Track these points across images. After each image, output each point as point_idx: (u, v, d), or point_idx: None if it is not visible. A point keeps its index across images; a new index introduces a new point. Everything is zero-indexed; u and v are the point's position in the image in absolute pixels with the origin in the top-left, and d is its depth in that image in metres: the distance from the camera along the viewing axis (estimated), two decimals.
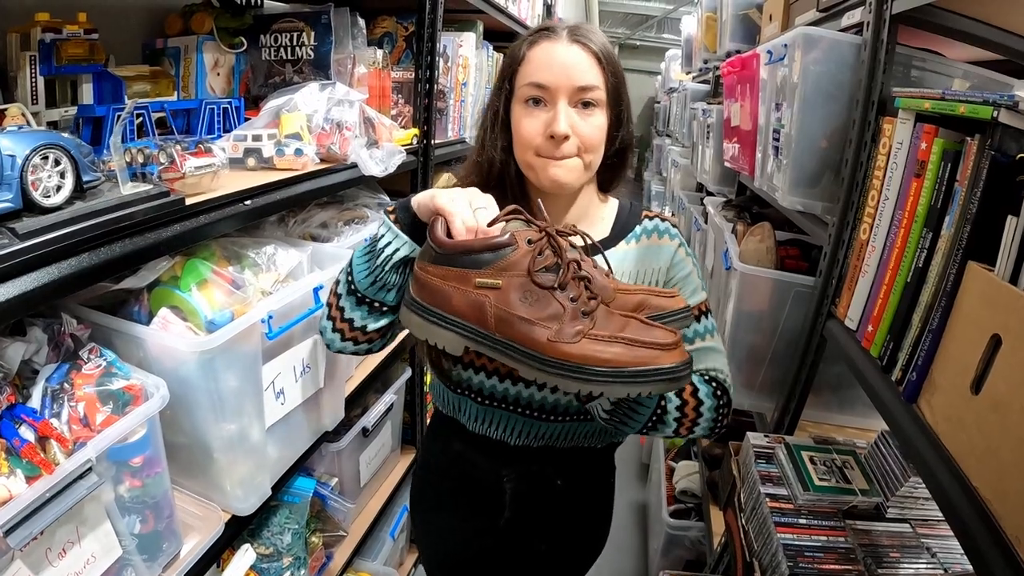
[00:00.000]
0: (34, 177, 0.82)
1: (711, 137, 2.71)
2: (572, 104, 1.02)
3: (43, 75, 1.16)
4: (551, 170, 1.03)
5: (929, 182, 1.00)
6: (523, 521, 1.24)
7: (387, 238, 0.96)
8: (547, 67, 1.02)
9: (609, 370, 0.78)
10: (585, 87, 1.01)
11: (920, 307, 1.00)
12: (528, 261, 0.82)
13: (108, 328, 1.05)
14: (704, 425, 1.07)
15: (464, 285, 0.83)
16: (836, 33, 1.42)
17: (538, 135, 1.02)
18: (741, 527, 1.45)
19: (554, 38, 1.03)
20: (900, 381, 1.03)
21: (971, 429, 0.83)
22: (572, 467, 1.21)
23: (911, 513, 1.33)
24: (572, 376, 0.79)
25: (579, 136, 1.02)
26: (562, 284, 0.82)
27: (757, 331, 1.70)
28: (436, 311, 0.85)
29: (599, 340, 0.79)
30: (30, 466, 0.81)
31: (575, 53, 1.02)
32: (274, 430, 1.26)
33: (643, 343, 0.79)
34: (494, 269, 0.82)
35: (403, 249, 0.95)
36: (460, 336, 0.85)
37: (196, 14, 1.56)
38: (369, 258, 0.97)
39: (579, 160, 1.04)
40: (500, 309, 0.81)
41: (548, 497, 1.22)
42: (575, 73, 1.01)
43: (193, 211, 1.05)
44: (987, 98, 0.84)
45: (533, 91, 1.03)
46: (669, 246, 1.15)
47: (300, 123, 1.41)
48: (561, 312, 0.81)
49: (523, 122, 1.04)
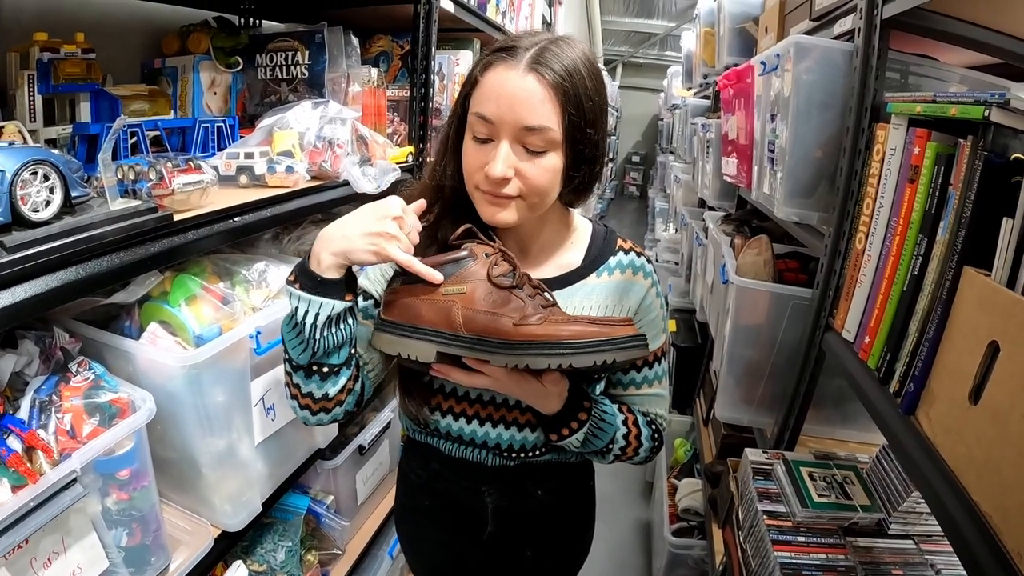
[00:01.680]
0: (23, 192, 0.83)
1: (710, 152, 2.71)
2: (519, 142, 0.92)
3: (41, 93, 1.18)
4: (489, 208, 0.97)
5: (923, 187, 0.99)
6: (507, 533, 1.23)
7: (302, 307, 0.89)
8: (495, 98, 0.91)
9: (576, 342, 0.86)
10: (532, 127, 0.90)
11: (917, 316, 0.99)
12: (487, 268, 0.91)
13: (98, 342, 1.06)
14: (636, 460, 1.16)
15: (432, 296, 0.89)
16: (828, 41, 1.42)
17: (479, 170, 0.94)
18: (739, 545, 1.43)
19: (511, 64, 0.91)
20: (898, 393, 1.01)
21: (970, 441, 0.81)
22: (550, 477, 1.19)
23: (914, 529, 1.30)
24: (541, 353, 0.86)
25: (522, 179, 0.93)
26: (519, 284, 0.91)
27: (755, 345, 1.68)
28: (406, 325, 0.91)
29: (560, 322, 0.88)
30: (16, 475, 0.82)
31: (528, 86, 0.89)
32: (264, 446, 1.25)
33: (600, 321, 0.90)
34: (458, 278, 0.90)
35: (323, 310, 0.89)
36: (431, 343, 0.90)
37: (193, 34, 1.58)
38: (296, 333, 0.91)
39: (522, 201, 0.96)
40: (467, 309, 0.88)
41: (529, 508, 1.21)
42: (523, 111, 0.90)
43: (181, 227, 1.06)
44: (978, 98, 0.83)
45: (479, 124, 0.93)
46: (642, 285, 1.11)
47: (292, 141, 1.42)
48: (522, 305, 0.89)
49: (468, 154, 0.97)
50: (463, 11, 2.05)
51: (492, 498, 1.18)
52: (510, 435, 1.10)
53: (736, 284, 1.66)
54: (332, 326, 0.91)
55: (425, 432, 1.16)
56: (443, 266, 0.90)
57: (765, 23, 2.14)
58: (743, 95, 1.95)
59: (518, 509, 1.20)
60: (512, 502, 1.19)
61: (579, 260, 1.10)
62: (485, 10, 2.38)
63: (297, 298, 0.89)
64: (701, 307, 2.65)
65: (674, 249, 4.15)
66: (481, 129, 0.93)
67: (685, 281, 3.29)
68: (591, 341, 0.86)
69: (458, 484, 1.19)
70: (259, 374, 1.21)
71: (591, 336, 0.87)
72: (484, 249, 0.92)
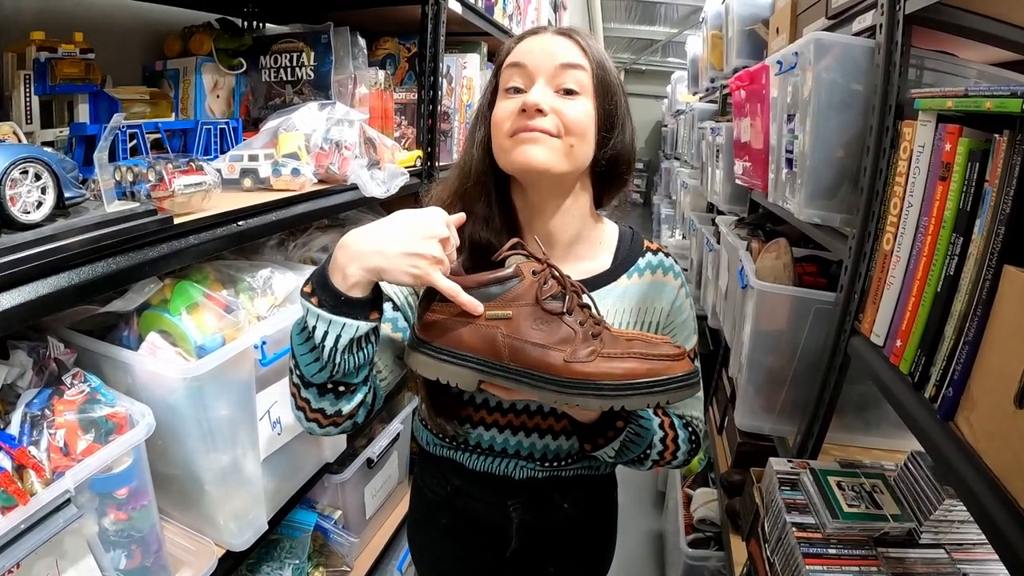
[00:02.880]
0: (12, 192, 0.79)
1: (721, 156, 2.68)
2: (553, 87, 0.94)
3: (38, 94, 1.15)
4: (522, 148, 0.92)
5: (956, 185, 0.95)
6: (531, 549, 1.19)
7: (320, 327, 0.79)
8: (529, 50, 0.95)
9: (626, 383, 0.81)
10: (567, 63, 0.93)
11: (953, 318, 0.94)
12: (535, 290, 0.84)
13: (95, 352, 1.02)
14: (674, 465, 1.11)
15: (474, 319, 0.83)
16: (849, 38, 1.39)
17: (511, 115, 0.93)
18: (766, 559, 1.38)
19: (540, 32, 0.98)
20: (934, 398, 0.97)
21: (1017, 446, 0.77)
22: (577, 489, 1.17)
23: (946, 538, 1.26)
24: (592, 394, 0.81)
25: (560, 115, 0.93)
26: (569, 309, 0.84)
27: (776, 351, 1.64)
28: (446, 348, 0.84)
29: (612, 357, 0.82)
30: (5, 496, 0.78)
31: (558, 40, 0.96)
32: (270, 461, 1.21)
33: (653, 356, 0.83)
34: (503, 300, 0.83)
35: (346, 332, 0.79)
36: (473, 371, 0.84)
37: (195, 35, 1.55)
38: (310, 349, 0.82)
39: (558, 140, 0.93)
40: (513, 338, 0.82)
41: (555, 521, 1.17)
42: (557, 54, 0.94)
43: (181, 231, 1.02)
44: (1015, 90, 0.78)
45: (512, 73, 0.95)
46: (672, 285, 1.10)
47: (298, 143, 1.38)
48: (572, 335, 0.83)
49: (499, 105, 0.96)
50: (471, 13, 2.03)
51: (517, 513, 1.14)
52: (544, 443, 1.07)
53: (756, 288, 1.61)
54: (354, 348, 0.82)
55: (449, 446, 1.11)
56: (487, 287, 0.83)
57: (776, 24, 2.11)
58: (757, 97, 1.92)
59: (543, 523, 1.16)
60: (538, 516, 1.15)
61: (608, 262, 1.08)
62: (492, 13, 2.37)
63: (316, 316, 0.79)
64: (713, 313, 2.61)
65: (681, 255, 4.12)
66: (515, 76, 0.95)
67: (696, 287, 3.26)
68: (644, 383, 0.81)
69: (481, 500, 1.14)
70: (265, 386, 1.17)
71: (644, 376, 0.81)
72: (532, 267, 0.84)
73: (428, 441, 1.16)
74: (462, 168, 1.03)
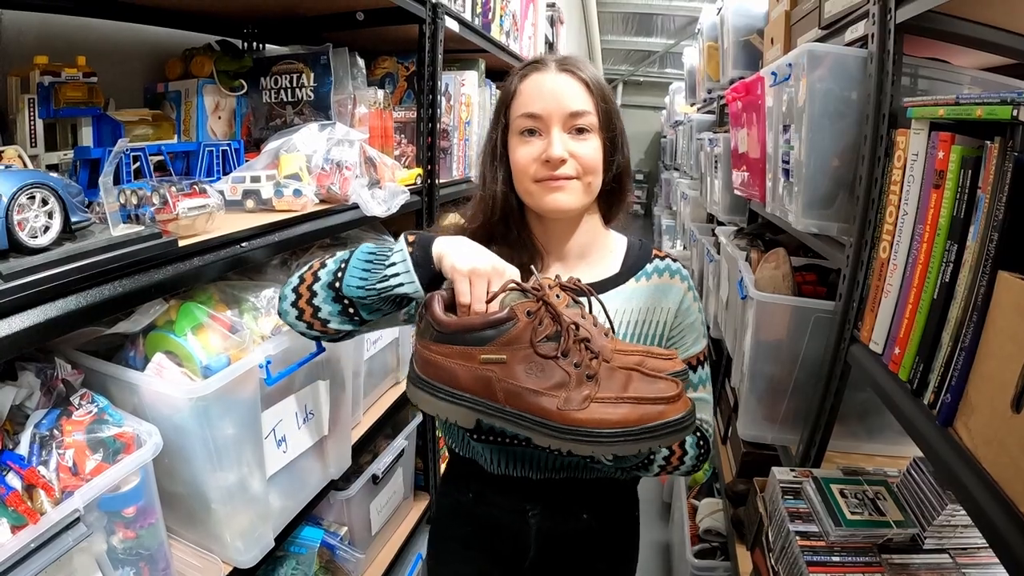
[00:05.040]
0: (20, 217, 0.81)
1: (719, 166, 2.69)
2: (566, 130, 1.04)
3: (42, 118, 1.16)
4: (551, 194, 1.05)
5: (950, 192, 0.96)
6: (549, 560, 1.20)
7: (398, 269, 0.91)
8: (538, 97, 1.04)
9: (619, 431, 0.81)
10: (577, 112, 1.03)
11: (950, 324, 0.95)
12: (529, 333, 0.84)
13: (102, 373, 1.03)
14: (682, 470, 1.12)
15: (469, 362, 0.84)
16: (841, 48, 1.41)
17: (534, 162, 1.04)
18: (770, 568, 1.38)
19: (543, 69, 1.06)
20: (933, 404, 0.97)
21: (1014, 451, 0.78)
22: (597, 499, 1.18)
23: (950, 543, 1.26)
24: (584, 440, 0.82)
25: (577, 159, 1.04)
26: (564, 351, 0.85)
27: (777, 361, 1.65)
28: (444, 388, 0.86)
29: (606, 403, 0.83)
30: (15, 515, 0.79)
31: (564, 81, 1.04)
32: (276, 479, 1.22)
33: (648, 399, 0.83)
34: (497, 345, 0.84)
35: (408, 287, 0.91)
36: (471, 411, 0.86)
37: (196, 58, 1.57)
38: (369, 273, 0.92)
39: (578, 182, 1.05)
40: (508, 383, 0.83)
41: (574, 532, 1.19)
42: (566, 99, 1.03)
43: (186, 253, 1.03)
44: (1005, 97, 0.80)
45: (527, 122, 1.05)
46: (679, 288, 1.16)
47: (299, 164, 1.39)
48: (567, 379, 0.83)
49: (519, 151, 1.06)
50: (468, 31, 2.05)
51: (536, 519, 1.17)
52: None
53: (756, 299, 1.62)
54: (393, 296, 0.93)
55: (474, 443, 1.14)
56: (482, 331, 0.84)
57: (771, 34, 2.13)
58: (753, 107, 1.93)
59: (562, 532, 1.18)
60: (557, 524, 1.18)
61: (617, 267, 1.16)
62: (489, 30, 2.39)
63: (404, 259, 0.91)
64: (715, 323, 2.61)
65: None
66: (529, 125, 1.05)
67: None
68: (636, 430, 0.81)
69: (500, 505, 1.18)
70: (270, 405, 1.18)
71: (637, 422, 0.81)
72: (527, 307, 0.85)
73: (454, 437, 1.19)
74: (485, 203, 1.11)
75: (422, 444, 2.23)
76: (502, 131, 1.10)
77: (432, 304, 0.88)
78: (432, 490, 2.29)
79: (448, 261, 0.89)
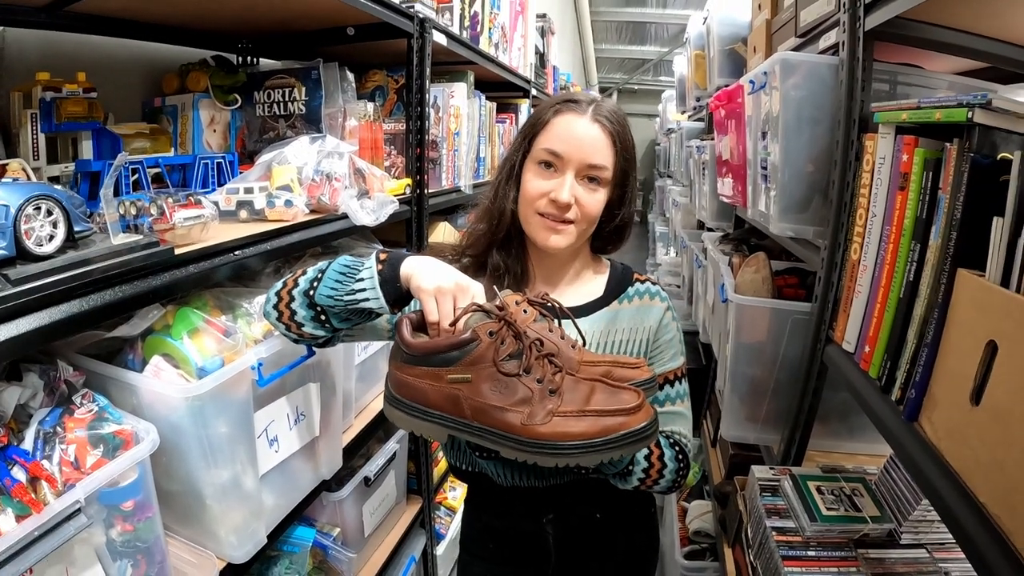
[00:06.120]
0: (27, 226, 0.85)
1: (706, 173, 2.73)
2: (579, 177, 1.10)
3: (44, 132, 1.20)
4: (550, 236, 1.12)
5: (913, 193, 0.99)
6: (572, 563, 1.26)
7: (365, 285, 0.95)
8: (565, 138, 1.10)
9: (582, 443, 0.85)
10: (595, 165, 1.10)
11: (914, 322, 0.98)
12: (492, 352, 0.87)
13: (102, 375, 1.06)
14: (663, 484, 1.13)
15: (437, 382, 0.89)
16: (813, 56, 1.45)
17: (542, 196, 1.10)
18: (749, 564, 1.41)
19: (578, 111, 1.11)
20: (900, 400, 1.01)
21: (974, 442, 0.81)
22: (607, 498, 1.22)
23: (926, 537, 1.29)
24: (548, 453, 0.85)
25: (580, 206, 1.10)
26: (527, 368, 0.88)
27: (758, 363, 1.68)
28: (417, 406, 0.91)
29: (568, 416, 0.86)
30: (20, 505, 0.82)
31: (593, 131, 1.10)
32: (269, 477, 1.25)
33: (609, 412, 0.86)
34: (462, 365, 0.87)
35: (372, 303, 0.95)
36: (442, 427, 0.91)
37: (192, 73, 1.61)
38: (340, 285, 0.96)
39: (574, 228, 1.12)
40: (474, 400, 0.87)
41: (590, 533, 1.25)
42: (589, 150, 1.09)
43: (182, 260, 1.07)
44: (961, 100, 0.84)
45: (547, 156, 1.11)
46: (659, 307, 1.22)
47: (291, 175, 1.43)
48: (530, 395, 0.87)
49: (532, 180, 1.12)
50: (456, 44, 2.09)
51: (552, 526, 1.23)
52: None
53: (735, 302, 1.66)
54: (360, 310, 0.98)
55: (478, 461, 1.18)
56: (447, 352, 0.88)
57: (753, 43, 2.18)
58: (734, 115, 1.98)
59: (579, 535, 1.24)
60: (572, 527, 1.24)
61: (601, 290, 1.23)
62: (478, 42, 2.43)
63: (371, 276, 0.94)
64: (704, 328, 2.65)
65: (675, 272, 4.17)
66: (548, 159, 1.11)
67: (687, 303, 3.30)
68: (598, 441, 0.85)
69: (518, 516, 1.24)
70: (262, 405, 1.21)
71: (598, 434, 0.85)
72: (489, 327, 0.88)
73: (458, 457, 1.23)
74: (492, 216, 1.18)
75: (414, 448, 2.25)
76: (523, 154, 1.15)
77: (401, 327, 0.92)
78: (425, 493, 2.32)
79: (415, 281, 0.92)
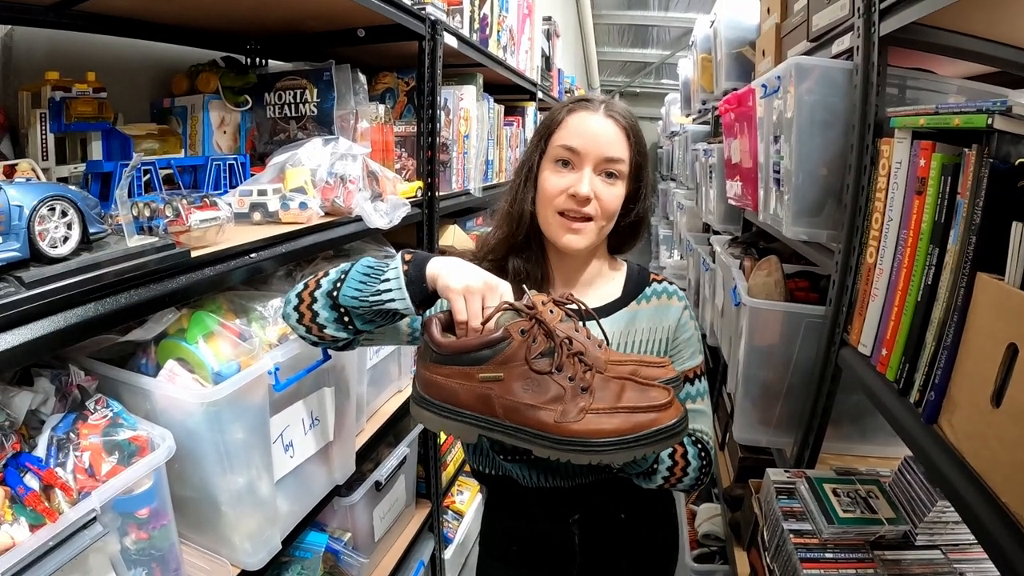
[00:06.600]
0: (41, 227, 0.84)
1: (714, 176, 2.73)
2: (597, 172, 1.11)
3: (53, 132, 1.19)
4: (567, 235, 1.12)
5: (931, 198, 1.00)
6: (596, 563, 1.26)
7: (391, 285, 0.93)
8: (580, 134, 1.11)
9: (614, 439, 0.85)
10: (612, 158, 1.11)
11: (933, 325, 0.98)
12: (524, 351, 0.87)
13: (115, 380, 1.05)
14: (686, 482, 1.14)
15: (468, 381, 0.88)
16: (827, 61, 1.44)
17: (561, 193, 1.11)
18: (766, 566, 1.40)
19: (591, 108, 1.13)
20: (919, 403, 1.01)
21: (995, 444, 0.81)
22: (631, 498, 1.22)
23: (941, 539, 1.29)
24: (582, 450, 0.85)
25: (599, 201, 1.11)
26: (559, 366, 0.88)
27: (770, 366, 1.68)
28: (447, 406, 0.90)
29: (601, 413, 0.86)
30: (34, 514, 0.81)
31: (608, 126, 1.11)
32: (284, 483, 1.25)
33: (642, 408, 0.87)
34: (494, 363, 0.87)
35: (399, 303, 0.94)
36: (473, 426, 0.90)
37: (202, 74, 1.61)
38: (365, 286, 0.95)
39: (593, 224, 1.12)
40: (506, 399, 0.87)
41: (615, 533, 1.25)
42: (605, 143, 1.10)
43: (198, 263, 1.06)
44: (980, 106, 0.84)
45: (564, 153, 1.11)
46: (677, 307, 1.23)
47: (304, 177, 1.43)
48: (562, 393, 0.87)
49: (549, 179, 1.13)
50: (466, 47, 2.09)
51: (577, 527, 1.23)
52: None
53: (749, 306, 1.65)
54: (384, 311, 0.96)
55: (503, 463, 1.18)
56: (479, 351, 0.87)
57: (762, 47, 2.17)
58: (745, 119, 1.97)
59: (604, 535, 1.24)
60: (597, 527, 1.23)
61: (619, 291, 1.23)
62: (487, 45, 2.43)
63: (397, 277, 0.93)
64: (711, 331, 2.64)
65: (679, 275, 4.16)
66: (565, 156, 1.11)
67: (694, 307, 3.28)
68: (630, 438, 0.85)
69: (543, 517, 1.24)
70: (278, 410, 1.21)
71: (631, 430, 0.85)
72: (520, 325, 0.88)
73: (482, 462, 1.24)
74: (511, 219, 1.18)
75: (424, 452, 2.25)
76: (539, 155, 1.16)
77: (430, 327, 0.91)
78: (434, 498, 2.31)
79: (442, 281, 0.91)
